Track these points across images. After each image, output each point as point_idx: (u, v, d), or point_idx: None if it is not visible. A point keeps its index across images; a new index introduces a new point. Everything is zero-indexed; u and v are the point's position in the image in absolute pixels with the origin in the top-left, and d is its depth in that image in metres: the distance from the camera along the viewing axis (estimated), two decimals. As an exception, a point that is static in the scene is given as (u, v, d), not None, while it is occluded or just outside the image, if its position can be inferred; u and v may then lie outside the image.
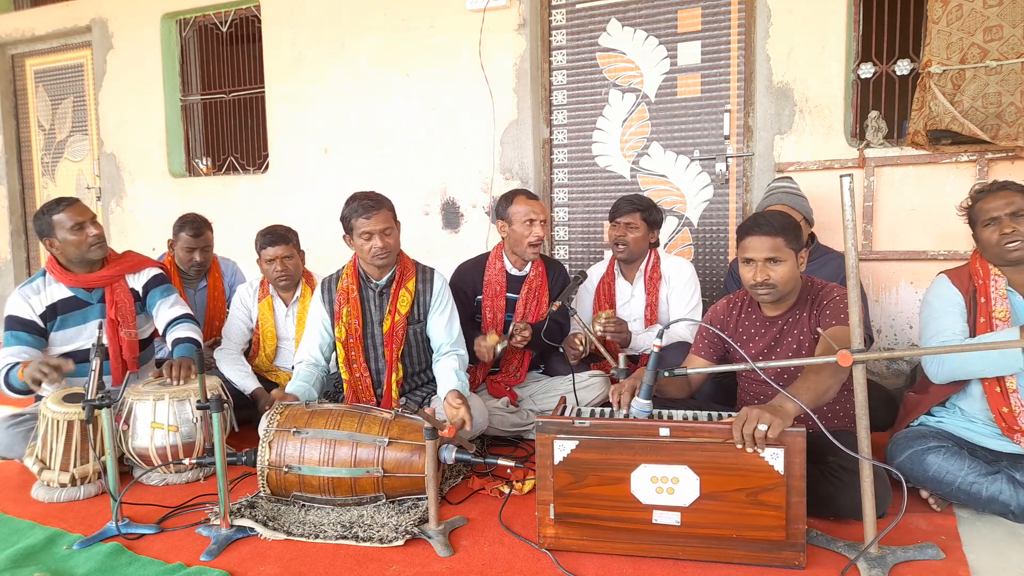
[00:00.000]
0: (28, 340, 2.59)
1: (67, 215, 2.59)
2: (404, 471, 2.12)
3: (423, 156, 4.20)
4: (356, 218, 2.47)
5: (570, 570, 1.77)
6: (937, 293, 2.20)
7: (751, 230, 2.09)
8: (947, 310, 2.15)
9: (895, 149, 3.21)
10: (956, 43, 2.92)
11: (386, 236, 2.48)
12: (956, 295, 2.16)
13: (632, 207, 2.95)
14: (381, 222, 2.47)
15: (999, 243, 2.07)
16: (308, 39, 4.42)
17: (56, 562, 1.90)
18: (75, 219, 2.59)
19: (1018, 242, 2.05)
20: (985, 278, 2.12)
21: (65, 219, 2.59)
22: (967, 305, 2.14)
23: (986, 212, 2.11)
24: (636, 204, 2.96)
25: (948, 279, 2.20)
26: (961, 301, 2.15)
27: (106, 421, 2.06)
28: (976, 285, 2.14)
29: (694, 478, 1.72)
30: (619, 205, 2.99)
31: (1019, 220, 2.06)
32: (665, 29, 3.72)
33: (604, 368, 2.91)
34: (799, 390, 1.79)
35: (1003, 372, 2.01)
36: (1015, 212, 2.06)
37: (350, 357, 2.59)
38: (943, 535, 1.93)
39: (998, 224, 2.08)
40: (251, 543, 1.97)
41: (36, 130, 5.63)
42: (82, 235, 2.60)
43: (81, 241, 2.60)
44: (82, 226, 2.60)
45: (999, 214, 2.08)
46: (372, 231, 2.46)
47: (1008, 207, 2.07)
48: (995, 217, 2.08)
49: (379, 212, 2.48)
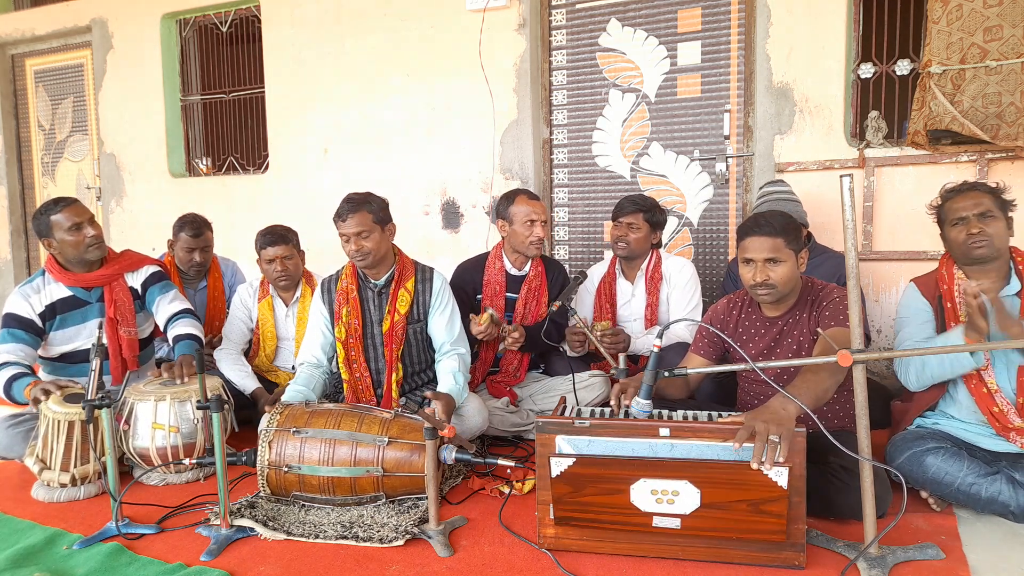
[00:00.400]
0: (25, 338, 2.59)
1: (65, 215, 2.59)
2: (404, 471, 2.12)
3: (423, 156, 4.20)
4: (337, 221, 2.50)
5: (570, 570, 1.77)
6: (904, 303, 2.28)
7: (751, 230, 2.09)
8: (911, 318, 2.22)
9: (895, 149, 3.21)
10: (956, 43, 2.92)
11: (361, 239, 2.47)
12: (923, 303, 2.22)
13: (635, 207, 2.95)
14: (355, 225, 2.46)
15: (965, 242, 2.10)
16: (308, 39, 4.42)
17: (56, 562, 1.90)
18: (72, 219, 2.59)
19: (984, 242, 2.07)
20: (950, 283, 2.16)
21: (63, 219, 2.59)
22: (935, 310, 2.19)
23: (955, 212, 2.14)
24: (639, 204, 2.95)
25: (916, 287, 2.26)
26: (928, 308, 2.21)
27: (106, 421, 2.06)
28: (941, 291, 2.18)
29: (694, 491, 1.70)
30: (622, 205, 2.99)
31: (986, 221, 2.08)
32: (665, 29, 3.72)
33: (604, 368, 2.91)
34: (799, 390, 1.79)
35: (958, 372, 2.06)
36: (983, 213, 2.09)
37: (350, 357, 2.59)
38: (943, 535, 1.92)
39: (966, 224, 2.10)
40: (251, 543, 1.97)
41: (36, 130, 5.62)
42: (79, 235, 2.60)
43: (79, 242, 2.60)
44: (80, 226, 2.60)
45: (967, 214, 2.10)
46: (348, 234, 2.48)
47: (976, 207, 2.09)
48: (963, 217, 2.11)
49: (355, 215, 2.46)
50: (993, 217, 2.08)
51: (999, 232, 2.08)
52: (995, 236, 2.07)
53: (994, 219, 2.08)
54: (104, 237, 2.74)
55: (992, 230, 2.07)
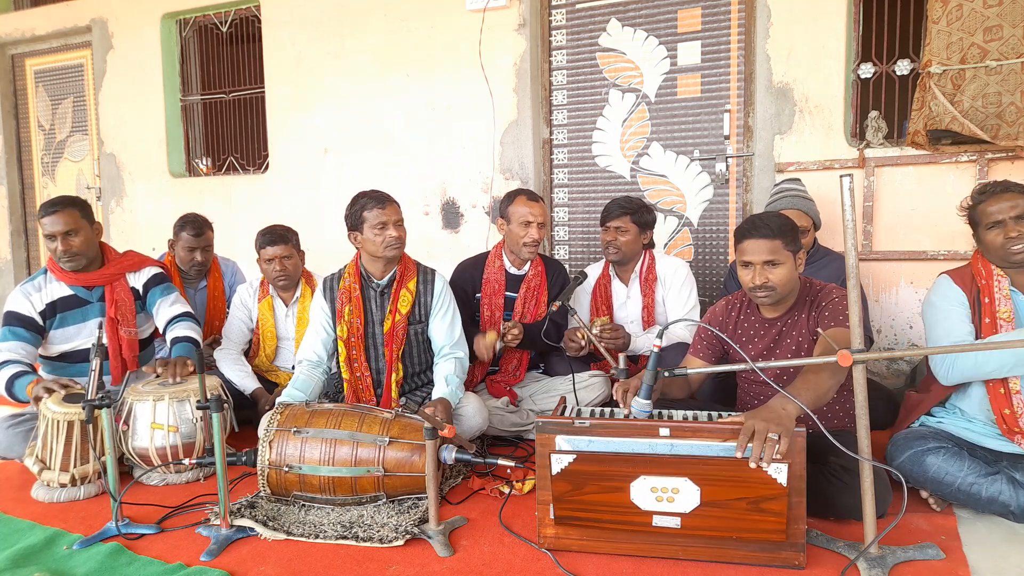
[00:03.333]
0: (25, 336, 2.59)
1: (45, 223, 2.58)
2: (404, 471, 2.12)
3: (423, 156, 4.20)
4: (369, 209, 2.50)
5: (570, 570, 1.77)
6: (941, 294, 2.19)
7: (748, 233, 2.08)
8: (953, 310, 2.14)
9: (895, 149, 3.21)
10: (956, 43, 2.92)
11: (399, 227, 2.53)
12: (960, 295, 2.15)
13: (621, 211, 2.92)
14: (394, 213, 2.53)
15: (1004, 246, 2.06)
16: (308, 39, 4.42)
17: (56, 562, 1.90)
18: (47, 230, 2.57)
19: (1023, 245, 2.04)
20: (988, 278, 2.11)
21: (43, 226, 2.59)
22: (971, 305, 2.13)
23: (990, 215, 2.09)
24: (625, 207, 2.92)
25: (951, 279, 2.19)
26: (965, 301, 2.14)
27: (106, 421, 2.06)
28: (979, 286, 2.13)
29: (694, 488, 1.70)
30: (609, 209, 2.96)
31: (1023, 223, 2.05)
32: (665, 29, 3.72)
33: (604, 368, 2.91)
34: (799, 390, 1.79)
35: (1017, 372, 2.00)
36: (1020, 215, 2.05)
37: (351, 356, 2.59)
38: (943, 535, 1.92)
39: (1003, 227, 2.06)
40: (251, 543, 1.97)
41: (36, 130, 5.62)
42: (52, 246, 2.59)
43: (52, 250, 2.60)
44: (52, 238, 2.58)
45: (1003, 217, 2.06)
46: (387, 221, 2.50)
47: (1013, 210, 2.05)
48: (999, 220, 2.07)
49: (392, 204, 2.55)
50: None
51: None
52: None
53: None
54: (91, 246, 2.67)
55: None
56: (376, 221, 2.49)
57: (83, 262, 2.66)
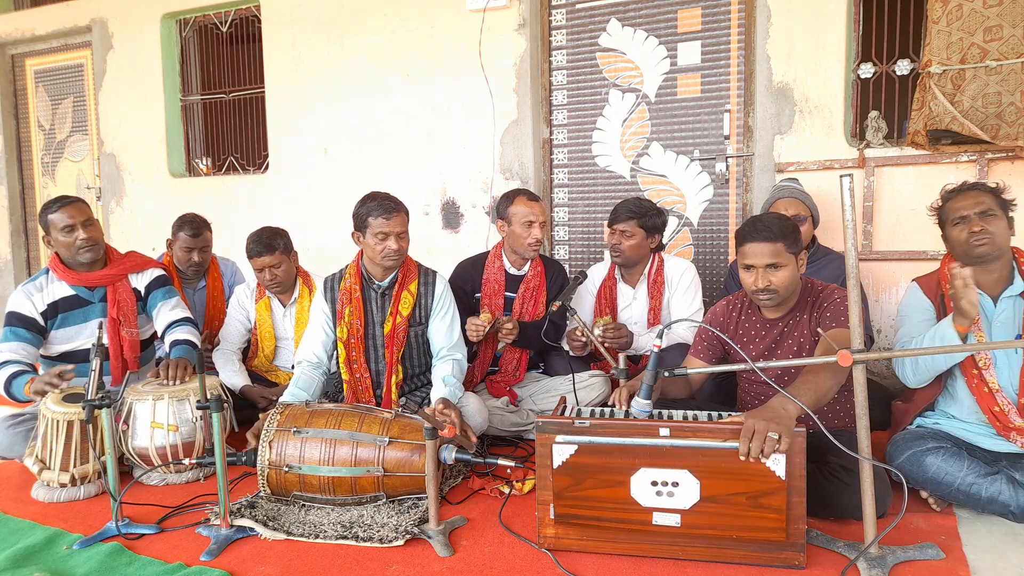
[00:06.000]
0: (26, 337, 2.60)
1: (60, 215, 2.59)
2: (404, 471, 2.12)
3: (423, 156, 4.20)
4: (375, 216, 2.47)
5: (570, 570, 1.77)
6: (907, 302, 2.29)
7: (750, 236, 2.08)
8: (914, 317, 2.23)
9: (895, 149, 3.21)
10: (956, 43, 2.92)
11: (401, 239, 2.50)
12: (925, 302, 2.23)
13: (629, 214, 2.90)
14: (399, 225, 2.49)
15: (967, 241, 2.11)
16: (308, 39, 4.42)
17: (56, 562, 1.90)
18: (66, 221, 2.58)
19: (986, 240, 2.08)
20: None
21: (58, 219, 2.59)
22: (937, 309, 2.20)
23: (956, 211, 2.16)
24: (633, 211, 2.90)
25: (918, 287, 2.27)
26: (930, 307, 2.22)
27: (106, 421, 2.06)
28: (944, 290, 2.18)
29: (694, 482, 1.71)
30: (617, 211, 2.94)
31: (988, 219, 2.09)
32: (665, 29, 3.72)
33: (604, 368, 2.91)
34: (799, 391, 1.79)
35: (952, 362, 2.08)
36: (984, 211, 2.10)
37: (351, 357, 2.59)
38: (943, 535, 1.93)
39: (967, 223, 2.12)
40: (251, 543, 1.97)
41: (36, 130, 5.62)
42: (71, 238, 2.59)
43: (70, 244, 2.60)
44: (72, 228, 2.59)
45: (968, 213, 2.12)
46: (389, 232, 2.47)
47: (977, 206, 2.11)
48: (964, 216, 2.13)
49: (398, 215, 2.50)
50: (994, 216, 2.09)
51: (1000, 231, 2.09)
52: (996, 234, 2.08)
53: (995, 218, 2.09)
54: (103, 238, 2.71)
55: (993, 228, 2.08)
56: (378, 230, 2.47)
57: (100, 253, 2.68)
